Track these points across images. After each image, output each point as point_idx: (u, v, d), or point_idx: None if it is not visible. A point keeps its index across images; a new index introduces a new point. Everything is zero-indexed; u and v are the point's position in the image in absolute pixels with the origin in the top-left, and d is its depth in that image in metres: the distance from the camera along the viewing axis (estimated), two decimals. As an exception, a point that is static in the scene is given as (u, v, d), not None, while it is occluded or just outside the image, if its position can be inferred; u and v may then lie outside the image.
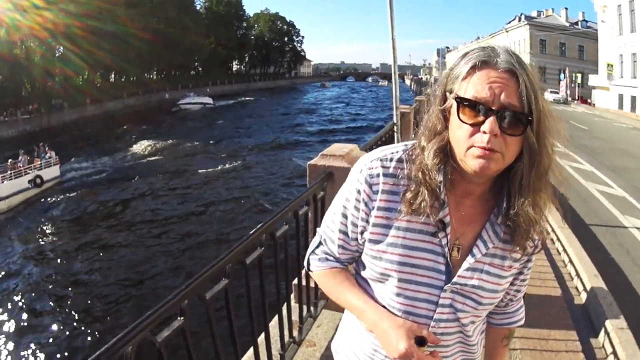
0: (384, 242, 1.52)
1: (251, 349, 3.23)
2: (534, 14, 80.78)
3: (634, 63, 45.02)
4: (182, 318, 2.23)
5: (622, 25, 46.78)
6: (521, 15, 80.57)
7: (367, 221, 1.55)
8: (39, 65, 59.12)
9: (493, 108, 1.30)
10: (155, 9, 76.25)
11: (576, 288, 6.12)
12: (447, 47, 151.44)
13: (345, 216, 1.61)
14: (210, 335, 2.61)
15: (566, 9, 77.76)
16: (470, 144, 1.34)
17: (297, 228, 3.63)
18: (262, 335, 3.33)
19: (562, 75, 62.32)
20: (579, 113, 45.56)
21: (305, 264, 1.80)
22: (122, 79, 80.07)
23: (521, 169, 1.38)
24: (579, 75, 61.09)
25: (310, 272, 1.78)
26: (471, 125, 1.33)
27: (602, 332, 4.90)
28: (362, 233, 1.58)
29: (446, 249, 1.48)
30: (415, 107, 14.49)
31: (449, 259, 1.49)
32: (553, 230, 8.07)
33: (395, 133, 8.97)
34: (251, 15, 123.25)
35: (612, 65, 49.28)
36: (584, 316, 5.41)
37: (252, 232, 2.96)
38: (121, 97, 70.84)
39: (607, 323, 4.88)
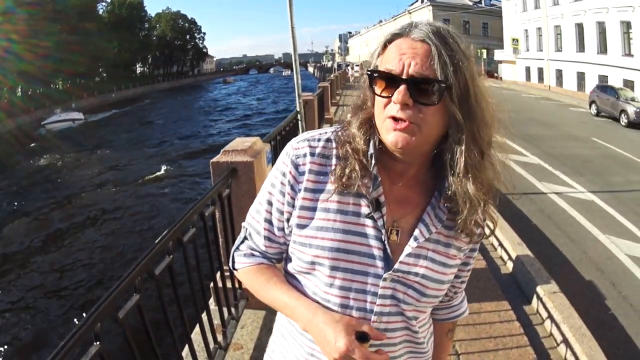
0: (312, 226, 1.43)
1: None
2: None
3: (539, 37, 46.77)
4: (98, 343, 2.09)
5: (526, 2, 48.71)
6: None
7: (293, 205, 1.46)
8: None
9: (403, 77, 1.26)
10: (57, 15, 74.47)
11: (501, 258, 6.19)
12: (350, 32, 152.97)
13: (270, 203, 1.52)
14: (131, 356, 2.48)
15: (469, -12, 79.85)
16: (384, 116, 1.31)
17: (205, 230, 3.57)
18: (187, 348, 3.24)
19: (467, 52, 64.19)
20: (486, 87, 47.26)
21: (230, 262, 1.68)
22: (29, 92, 77.15)
23: (450, 144, 1.32)
24: (484, 51, 62.91)
25: (235, 272, 1.66)
26: (382, 96, 1.31)
27: (535, 299, 4.95)
28: (288, 220, 1.49)
29: (383, 232, 1.38)
30: (318, 94, 14.52)
31: (386, 243, 1.38)
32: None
33: (299, 121, 9.03)
34: (153, 15, 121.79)
35: (517, 40, 51.07)
36: (513, 285, 5.45)
37: (157, 240, 2.85)
38: (29, 111, 67.54)
39: (538, 289, 4.93)
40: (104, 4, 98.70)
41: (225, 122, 53.11)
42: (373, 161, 1.36)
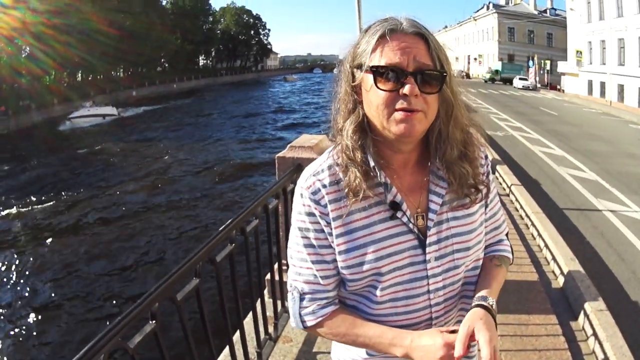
0: (352, 248, 1.51)
1: (227, 349, 3.26)
2: (502, 2, 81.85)
3: (602, 50, 45.53)
4: (153, 322, 2.21)
5: (591, 12, 47.29)
6: (489, 3, 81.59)
7: (330, 236, 1.53)
8: (6, 65, 57.32)
9: (409, 70, 1.35)
10: (121, 4, 75.14)
11: (553, 272, 6.17)
12: None
13: (312, 246, 1.57)
14: (184, 337, 2.58)
15: (534, -4, 78.69)
16: (391, 109, 1.38)
17: (267, 222, 3.64)
18: (238, 334, 3.33)
19: (530, 63, 63.05)
20: (549, 99, 46.31)
21: (299, 323, 1.67)
22: (89, 77, 78.15)
23: (439, 123, 1.46)
24: (548, 62, 61.79)
25: (311, 330, 1.67)
26: (390, 91, 1.37)
27: (582, 315, 4.94)
28: (335, 254, 1.56)
29: (410, 225, 1.49)
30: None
31: (417, 232, 1.50)
32: (527, 216, 8.18)
33: None
34: (217, 9, 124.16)
35: (581, 52, 49.85)
36: (562, 300, 5.44)
37: (221, 228, 2.93)
38: (88, 96, 66.99)
39: (586, 305, 4.93)
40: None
41: (282, 122, 51.36)
42: (378, 172, 1.46)
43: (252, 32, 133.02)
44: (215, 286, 2.94)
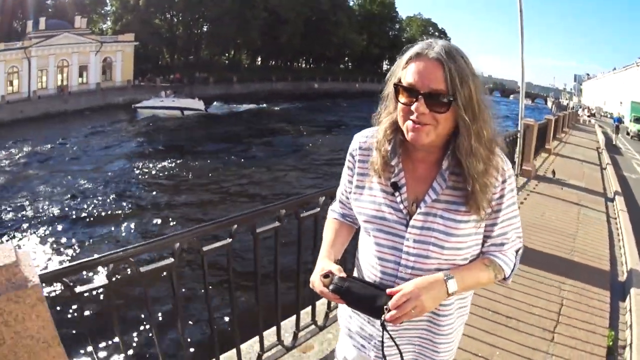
0: (361, 199, 1.74)
1: (293, 317, 3.54)
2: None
3: None
4: (230, 240, 2.50)
5: None
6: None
7: (352, 183, 1.80)
8: (181, 38, 57.99)
9: (421, 92, 1.47)
10: (308, 0, 73.30)
11: (623, 271, 6.94)
12: (588, 74, 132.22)
13: (343, 179, 1.88)
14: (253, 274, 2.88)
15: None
16: (406, 118, 1.53)
17: None
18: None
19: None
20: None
21: (327, 214, 2.06)
22: (270, 63, 77.70)
23: (462, 137, 1.53)
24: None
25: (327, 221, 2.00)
26: (405, 104, 1.52)
27: (628, 298, 5.74)
28: (350, 193, 1.82)
29: (401, 205, 1.64)
30: (541, 124, 14.64)
31: (405, 213, 1.64)
32: (619, 227, 9.14)
33: (517, 139, 10.17)
34: (404, 18, 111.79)
35: None
36: (620, 287, 6.25)
37: (311, 192, 3.19)
38: (269, 80, 67.42)
39: (632, 290, 5.77)
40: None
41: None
42: (396, 158, 1.64)
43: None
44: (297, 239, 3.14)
